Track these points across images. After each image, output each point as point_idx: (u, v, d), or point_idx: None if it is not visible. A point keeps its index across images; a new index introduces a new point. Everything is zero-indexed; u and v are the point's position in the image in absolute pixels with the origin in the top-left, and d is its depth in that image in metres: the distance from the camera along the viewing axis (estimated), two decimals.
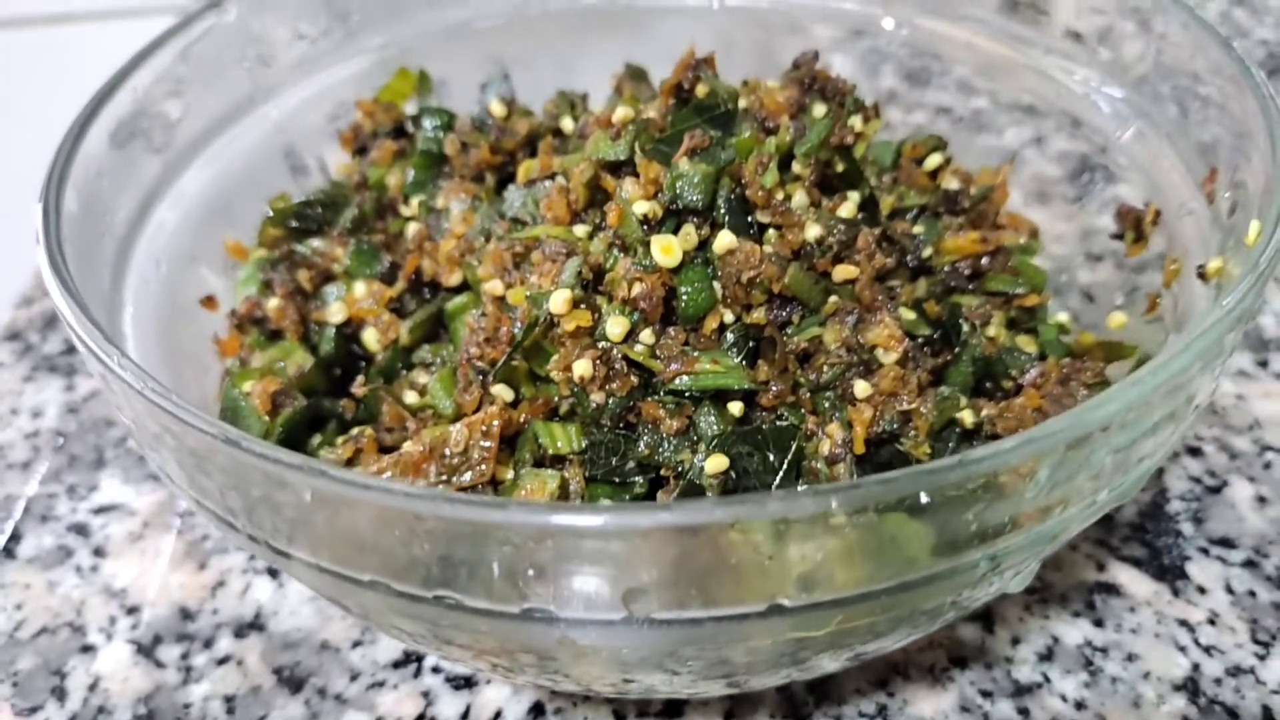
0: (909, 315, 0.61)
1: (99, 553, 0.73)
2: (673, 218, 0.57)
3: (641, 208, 0.56)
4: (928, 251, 0.65)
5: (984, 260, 0.66)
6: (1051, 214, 0.80)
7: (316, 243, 0.69)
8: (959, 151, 0.78)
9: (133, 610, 0.69)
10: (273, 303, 0.65)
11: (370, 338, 0.65)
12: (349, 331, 0.66)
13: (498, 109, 0.73)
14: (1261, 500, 0.71)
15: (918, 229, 0.66)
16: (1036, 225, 0.71)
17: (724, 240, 0.56)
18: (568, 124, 0.73)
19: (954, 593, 0.47)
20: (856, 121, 0.63)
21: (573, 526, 0.39)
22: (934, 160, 0.71)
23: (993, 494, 0.41)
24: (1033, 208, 0.81)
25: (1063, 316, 0.69)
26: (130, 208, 0.64)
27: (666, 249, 0.55)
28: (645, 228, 0.57)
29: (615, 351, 0.55)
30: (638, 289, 0.55)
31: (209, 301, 0.68)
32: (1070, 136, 0.76)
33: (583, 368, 0.54)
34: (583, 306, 0.55)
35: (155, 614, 0.69)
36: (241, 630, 0.68)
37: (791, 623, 0.43)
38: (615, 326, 0.54)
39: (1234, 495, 0.72)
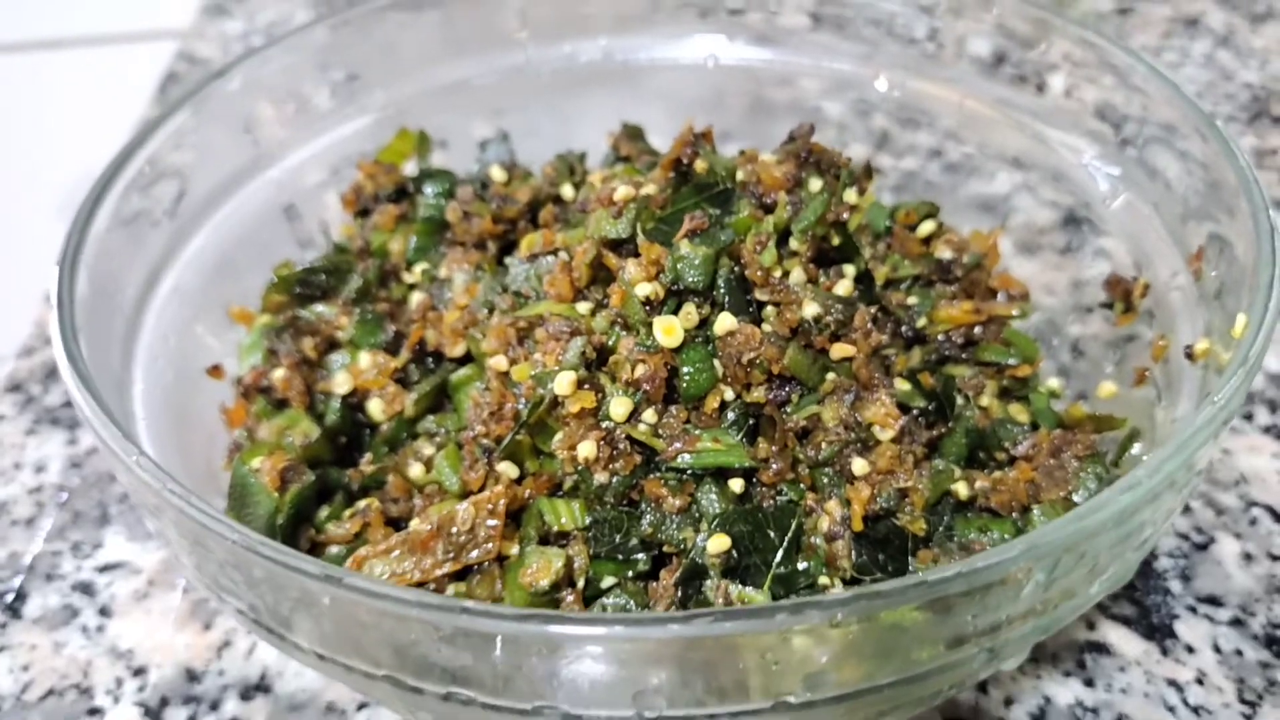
0: (904, 386, 0.62)
1: (104, 612, 0.74)
2: (674, 297, 0.59)
3: (644, 289, 0.57)
4: (922, 321, 0.66)
5: (977, 329, 0.67)
6: (1042, 263, 0.82)
7: (320, 308, 0.69)
8: (950, 197, 0.79)
9: (139, 671, 0.70)
10: (279, 373, 0.66)
11: (375, 408, 0.66)
12: (354, 401, 0.66)
13: (498, 174, 0.74)
14: (1248, 557, 0.73)
15: (912, 299, 0.67)
16: (1027, 288, 0.72)
17: (724, 322, 0.57)
18: (568, 191, 0.74)
19: (952, 679, 0.48)
20: (851, 195, 0.64)
21: (586, 637, 0.40)
22: (927, 227, 0.72)
23: (993, 596, 0.43)
24: (1023, 257, 0.83)
25: (1054, 382, 0.70)
26: (138, 283, 0.65)
27: (669, 330, 0.57)
28: (647, 308, 0.58)
29: (619, 431, 0.56)
30: (641, 370, 0.56)
31: (215, 370, 0.68)
32: (1057, 190, 0.77)
33: (587, 450, 0.55)
34: (586, 387, 0.56)
35: (162, 675, 0.70)
36: (248, 692, 0.69)
37: (796, 718, 0.45)
38: (619, 407, 0.56)
39: (1221, 552, 0.73)
